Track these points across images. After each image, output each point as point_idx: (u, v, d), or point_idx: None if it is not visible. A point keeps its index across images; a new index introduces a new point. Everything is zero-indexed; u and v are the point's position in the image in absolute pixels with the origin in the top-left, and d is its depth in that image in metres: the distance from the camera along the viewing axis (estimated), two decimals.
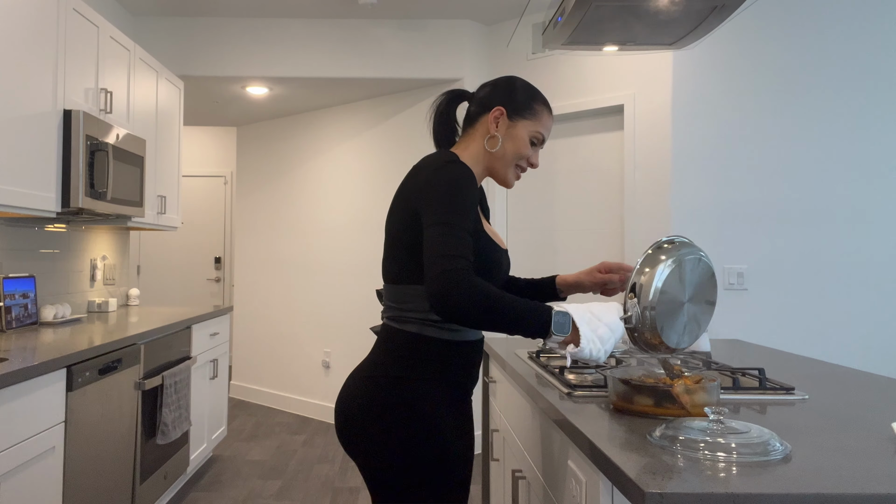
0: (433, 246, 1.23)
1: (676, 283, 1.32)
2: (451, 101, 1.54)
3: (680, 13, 2.00)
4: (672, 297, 1.31)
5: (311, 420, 5.04)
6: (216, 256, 6.91)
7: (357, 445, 1.36)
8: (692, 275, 1.34)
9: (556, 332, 1.24)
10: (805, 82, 3.41)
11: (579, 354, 1.25)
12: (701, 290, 1.36)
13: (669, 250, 1.34)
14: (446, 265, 1.20)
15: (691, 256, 1.35)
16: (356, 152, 4.94)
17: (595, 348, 1.24)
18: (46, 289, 3.10)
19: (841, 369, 1.85)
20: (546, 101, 1.50)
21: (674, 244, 1.36)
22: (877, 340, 3.37)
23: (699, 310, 1.36)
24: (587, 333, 1.24)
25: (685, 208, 3.43)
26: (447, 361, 1.37)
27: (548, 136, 1.50)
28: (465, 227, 1.26)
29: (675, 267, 1.32)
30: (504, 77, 1.52)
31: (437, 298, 1.19)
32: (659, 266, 1.32)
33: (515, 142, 1.45)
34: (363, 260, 4.84)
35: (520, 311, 1.22)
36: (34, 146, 2.39)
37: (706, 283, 1.37)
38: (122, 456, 2.56)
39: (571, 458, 1.27)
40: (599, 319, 1.27)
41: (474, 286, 1.19)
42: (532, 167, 1.50)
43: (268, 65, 4.19)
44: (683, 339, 1.34)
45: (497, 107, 1.45)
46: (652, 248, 1.36)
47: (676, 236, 1.39)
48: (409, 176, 1.39)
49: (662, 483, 0.89)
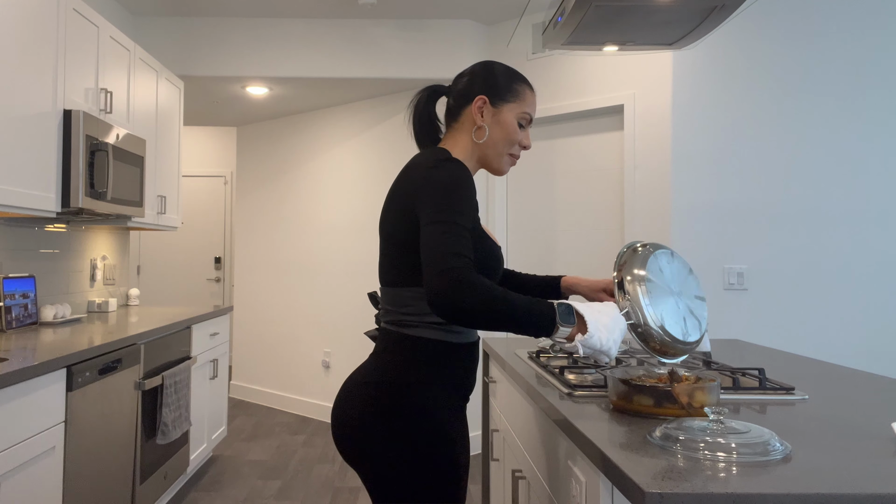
0: (432, 245, 1.19)
1: (659, 274, 1.36)
2: (429, 98, 1.49)
3: (680, 13, 2.00)
4: (661, 290, 1.35)
5: (311, 420, 5.04)
6: (216, 256, 6.91)
7: (361, 454, 1.31)
8: (673, 269, 1.40)
9: (563, 323, 1.20)
10: (805, 82, 3.41)
11: (589, 342, 1.21)
12: (685, 283, 1.41)
13: (643, 251, 1.42)
14: (446, 264, 1.16)
15: (665, 252, 1.43)
16: (356, 152, 4.94)
17: (604, 336, 1.21)
18: (46, 289, 3.10)
19: (841, 369, 1.85)
20: (526, 80, 1.45)
21: (645, 246, 1.44)
22: (877, 340, 3.37)
23: (692, 304, 1.39)
24: (593, 322, 1.21)
25: (685, 208, 3.43)
26: (451, 364, 1.35)
27: (534, 114, 1.46)
28: (464, 224, 1.23)
29: (653, 261, 1.39)
30: (478, 64, 1.46)
31: (439, 298, 1.15)
32: (638, 262, 1.39)
33: (504, 128, 1.41)
34: (363, 260, 4.84)
35: (523, 308, 1.18)
36: (34, 146, 2.39)
37: (687, 277, 1.43)
38: (122, 456, 2.56)
39: (571, 458, 1.27)
40: (600, 312, 1.25)
41: (476, 285, 1.15)
42: (525, 149, 1.46)
43: (268, 65, 4.19)
44: (689, 333, 1.35)
45: (478, 96, 1.41)
46: (625, 250, 1.44)
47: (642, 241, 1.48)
48: (402, 175, 1.36)
49: (662, 483, 0.89)
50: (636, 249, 1.42)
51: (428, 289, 1.17)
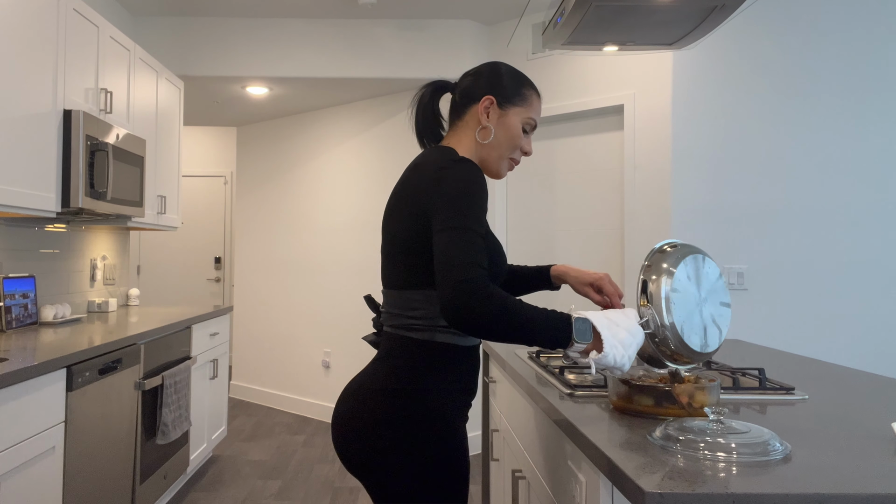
0: (446, 254, 1.16)
1: (687, 283, 1.29)
2: (434, 94, 1.46)
3: (680, 13, 2.00)
4: (686, 297, 1.28)
5: (311, 420, 5.04)
6: (216, 256, 6.91)
7: (369, 461, 1.27)
8: (701, 275, 1.32)
9: (578, 340, 1.17)
10: (805, 82, 3.41)
11: (603, 361, 1.18)
12: (713, 291, 1.33)
13: (673, 253, 1.33)
14: (462, 275, 1.13)
15: (697, 256, 1.33)
16: (356, 152, 4.94)
17: (619, 354, 1.18)
18: (46, 289, 3.10)
19: (841, 369, 1.85)
20: (534, 85, 1.43)
21: (676, 247, 1.35)
22: (877, 340, 3.37)
23: (716, 312, 1.32)
24: (609, 339, 1.18)
25: (685, 208, 3.43)
26: (459, 367, 1.32)
27: (539, 120, 1.44)
28: (478, 231, 1.19)
29: (683, 267, 1.30)
30: (487, 64, 1.43)
31: (455, 311, 1.12)
32: (667, 268, 1.30)
33: (508, 131, 1.38)
34: (363, 260, 4.84)
35: (539, 320, 1.15)
36: (34, 146, 2.39)
37: (716, 284, 1.34)
38: (122, 456, 2.56)
39: (571, 458, 1.27)
40: (618, 325, 1.22)
41: (492, 297, 1.13)
42: (525, 155, 1.43)
43: (268, 65, 4.19)
44: (707, 343, 1.31)
45: (486, 96, 1.38)
46: (655, 252, 1.34)
47: (676, 241, 1.38)
48: (410, 174, 1.33)
49: (662, 483, 0.89)
50: (664, 251, 1.35)
51: (442, 300, 1.14)
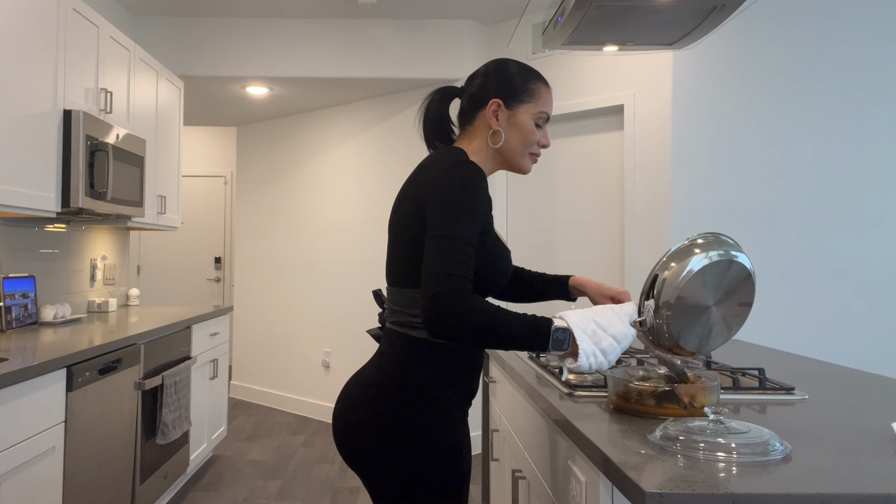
0: (429, 263, 1.19)
1: (700, 287, 1.27)
2: (442, 101, 1.45)
3: (680, 13, 2.00)
4: (693, 301, 1.27)
5: (310, 420, 5.04)
6: (216, 256, 6.91)
7: (366, 456, 1.28)
8: (722, 277, 1.28)
9: (554, 350, 1.21)
10: (805, 82, 3.41)
11: (577, 369, 1.22)
12: (732, 292, 1.30)
13: (698, 253, 1.28)
14: (438, 287, 1.16)
15: (723, 258, 1.28)
16: (356, 152, 4.94)
17: (595, 361, 1.21)
18: (46, 289, 3.10)
19: (841, 369, 1.85)
20: (541, 76, 1.40)
21: (707, 241, 1.30)
22: (877, 340, 3.37)
23: (730, 312, 1.31)
24: (587, 348, 1.20)
25: (685, 208, 3.43)
26: (458, 366, 1.33)
27: (551, 111, 1.41)
28: (467, 238, 1.20)
29: (701, 268, 1.27)
30: (493, 62, 1.41)
31: (429, 322, 1.16)
32: (685, 266, 1.28)
33: (520, 130, 1.37)
34: (363, 260, 4.84)
35: (516, 329, 1.18)
36: (34, 146, 2.39)
37: (740, 284, 1.30)
38: (122, 456, 2.56)
39: (571, 459, 1.27)
40: (605, 331, 1.23)
41: (466, 310, 1.15)
42: (544, 148, 1.42)
43: (268, 65, 4.19)
44: (707, 343, 1.30)
45: (493, 100, 1.36)
46: (679, 249, 1.30)
47: (713, 233, 1.32)
48: (416, 174, 1.33)
49: (662, 483, 0.89)
50: (689, 248, 1.30)
51: (421, 310, 1.18)
